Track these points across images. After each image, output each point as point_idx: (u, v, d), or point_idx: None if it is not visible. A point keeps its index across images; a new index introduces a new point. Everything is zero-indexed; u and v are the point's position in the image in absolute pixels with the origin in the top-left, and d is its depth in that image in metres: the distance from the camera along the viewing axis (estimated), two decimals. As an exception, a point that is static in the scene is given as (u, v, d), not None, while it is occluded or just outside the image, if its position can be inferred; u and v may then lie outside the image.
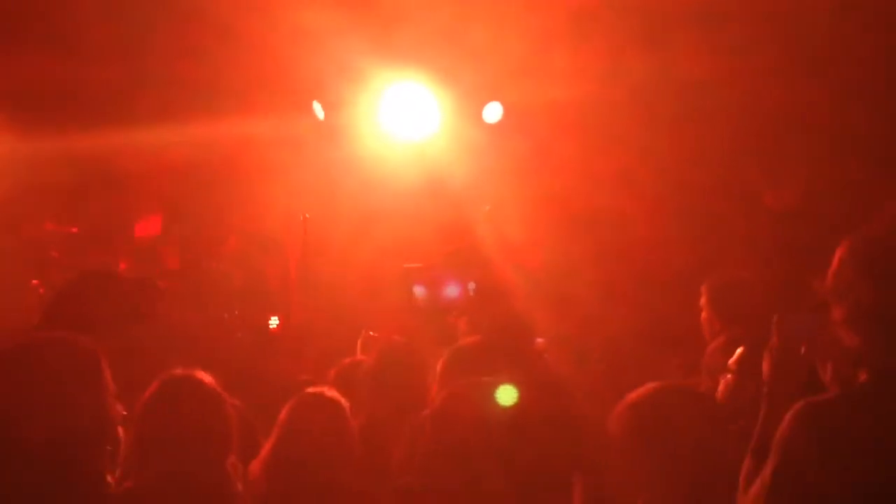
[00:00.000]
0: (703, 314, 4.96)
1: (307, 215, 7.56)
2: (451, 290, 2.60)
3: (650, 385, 2.82)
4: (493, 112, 8.54)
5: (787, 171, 7.25)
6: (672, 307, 6.12)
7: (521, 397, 2.41)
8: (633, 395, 2.78)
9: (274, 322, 7.75)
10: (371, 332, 5.33)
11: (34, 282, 7.82)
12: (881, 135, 7.34)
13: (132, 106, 7.99)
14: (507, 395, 2.39)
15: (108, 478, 2.81)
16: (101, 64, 7.85)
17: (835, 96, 7.20)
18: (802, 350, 2.79)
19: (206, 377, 3.19)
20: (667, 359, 4.98)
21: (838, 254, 2.56)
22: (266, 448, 3.69)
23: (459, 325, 4.71)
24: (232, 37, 7.54)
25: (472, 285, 2.54)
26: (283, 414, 3.75)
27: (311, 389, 3.85)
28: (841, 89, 7.22)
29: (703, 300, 4.95)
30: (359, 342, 5.42)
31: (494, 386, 2.40)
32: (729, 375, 3.62)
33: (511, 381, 2.60)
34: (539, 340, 4.94)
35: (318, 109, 8.44)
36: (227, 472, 3.11)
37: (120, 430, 2.91)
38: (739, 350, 3.60)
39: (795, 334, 2.79)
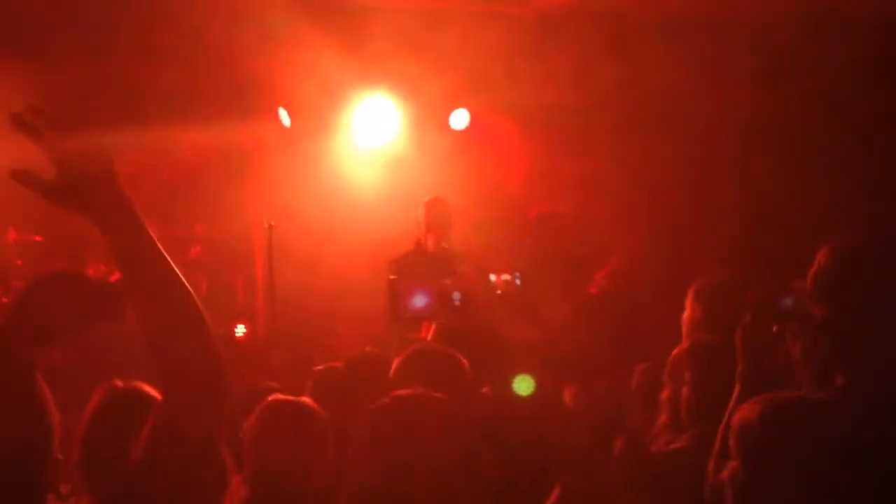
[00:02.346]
0: (687, 313, 4.91)
1: (272, 223, 7.50)
2: (434, 300, 2.56)
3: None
4: (460, 119, 8.54)
5: (753, 177, 7.30)
6: (641, 312, 6.13)
7: (487, 401, 2.40)
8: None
9: (240, 330, 7.68)
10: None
11: (-5, 290, 7.72)
12: (844, 140, 7.42)
13: (95, 112, 7.89)
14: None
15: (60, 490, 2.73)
16: (65, 69, 7.77)
17: (800, 103, 7.27)
18: (775, 329, 2.79)
19: (150, 390, 3.09)
20: (633, 364, 4.97)
21: (820, 257, 2.55)
22: (245, 465, 3.57)
23: (423, 331, 4.67)
24: (198, 42, 7.49)
25: (457, 295, 2.51)
26: (250, 423, 3.63)
27: (276, 396, 3.72)
28: (806, 96, 7.29)
29: (689, 299, 4.89)
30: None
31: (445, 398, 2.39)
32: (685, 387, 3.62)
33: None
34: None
35: (283, 116, 8.40)
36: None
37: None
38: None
39: (768, 313, 2.79)
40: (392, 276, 2.57)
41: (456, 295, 2.57)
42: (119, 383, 3.12)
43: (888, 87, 7.15)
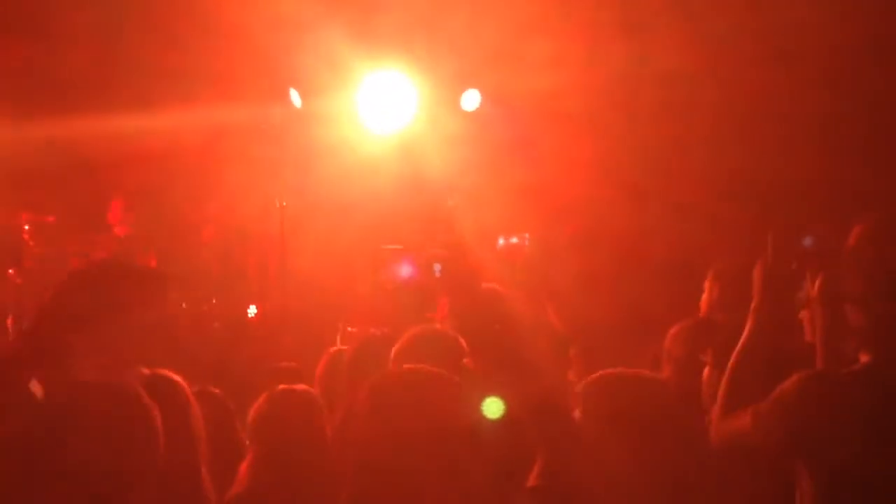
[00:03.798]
0: (705, 295, 4.90)
1: (284, 203, 7.51)
2: (415, 269, 2.57)
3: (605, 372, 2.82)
4: (472, 100, 8.52)
5: (765, 159, 7.27)
6: (652, 296, 6.12)
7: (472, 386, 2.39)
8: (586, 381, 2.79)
9: (252, 311, 7.70)
10: (349, 328, 5.27)
11: (10, 271, 7.75)
12: (854, 123, 7.38)
13: (108, 94, 7.91)
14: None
15: None
16: (76, 51, 7.77)
17: (812, 84, 7.23)
18: (794, 265, 2.79)
19: (177, 378, 3.09)
20: (645, 348, 4.97)
21: (857, 231, 2.58)
22: (251, 452, 3.61)
23: (439, 309, 4.67)
24: (208, 24, 7.48)
25: (437, 266, 2.52)
26: (254, 413, 3.66)
27: (284, 386, 3.75)
28: (816, 79, 7.25)
29: (709, 281, 4.88)
30: (338, 337, 5.37)
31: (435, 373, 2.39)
32: (707, 368, 3.61)
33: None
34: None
35: (295, 97, 8.38)
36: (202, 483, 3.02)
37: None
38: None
39: (788, 250, 2.79)
40: (374, 248, 2.58)
41: (436, 266, 2.57)
42: (146, 371, 3.10)
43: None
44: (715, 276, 4.74)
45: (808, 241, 2.96)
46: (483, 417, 2.35)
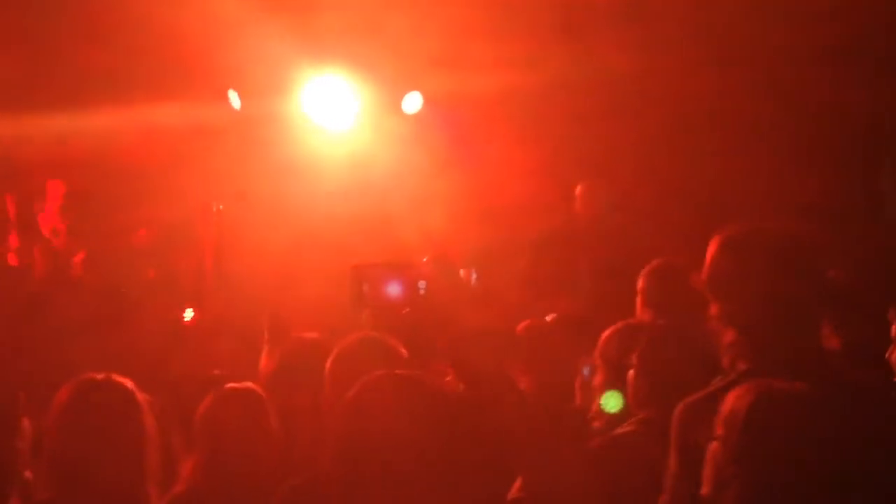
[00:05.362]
0: (638, 300, 4.88)
1: (221, 206, 7.37)
2: (401, 288, 2.51)
3: None
4: (413, 102, 8.44)
5: (707, 162, 7.30)
6: (596, 297, 6.10)
7: (445, 389, 2.33)
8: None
9: (188, 314, 7.57)
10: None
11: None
12: (796, 126, 7.45)
13: (36, 93, 7.72)
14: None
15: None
16: (5, 51, 7.57)
17: (752, 89, 7.28)
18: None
19: (126, 382, 3.03)
20: (588, 350, 4.93)
21: (712, 249, 2.57)
22: (196, 450, 3.62)
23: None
24: (143, 21, 7.33)
25: (422, 283, 2.45)
26: (201, 412, 3.68)
27: (230, 385, 3.78)
28: (757, 82, 7.30)
29: (639, 286, 4.86)
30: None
31: (410, 377, 2.32)
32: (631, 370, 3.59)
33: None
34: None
35: (233, 98, 8.24)
36: (144, 484, 2.97)
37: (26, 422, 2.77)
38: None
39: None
40: (357, 263, 2.49)
41: (422, 283, 2.49)
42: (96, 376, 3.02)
43: (844, 72, 7.18)
44: (646, 276, 4.72)
45: None
46: (467, 427, 2.29)
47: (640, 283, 4.79)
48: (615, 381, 3.65)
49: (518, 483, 2.46)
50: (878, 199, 7.76)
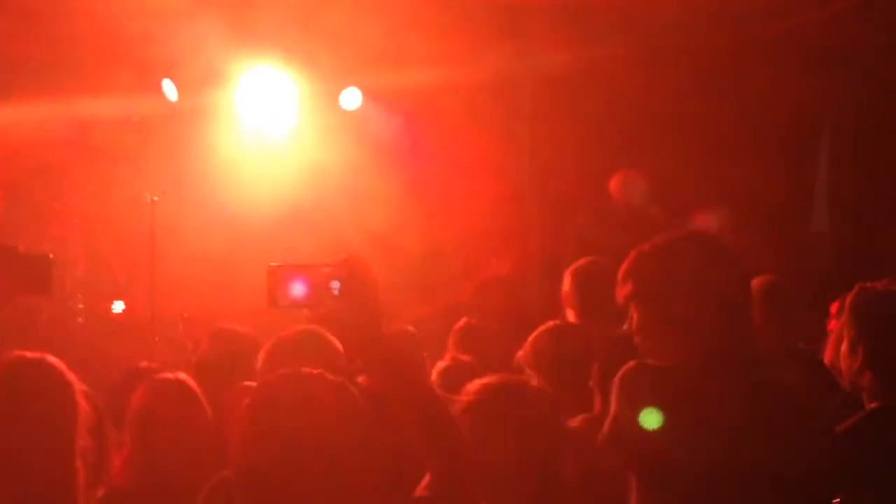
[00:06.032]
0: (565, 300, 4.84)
1: (156, 198, 7.24)
2: (313, 288, 2.48)
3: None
4: (352, 98, 8.37)
5: (644, 157, 7.34)
6: (536, 294, 6.10)
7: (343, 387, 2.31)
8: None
9: (118, 307, 7.45)
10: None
11: None
12: (731, 123, 7.54)
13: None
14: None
15: None
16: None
17: (687, 86, 7.35)
18: None
19: (56, 362, 2.94)
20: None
21: (627, 264, 2.64)
22: (126, 441, 3.55)
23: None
24: (74, 10, 7.19)
25: (335, 284, 2.43)
26: (133, 404, 3.60)
27: (162, 376, 3.71)
28: (693, 79, 7.38)
29: (567, 284, 4.82)
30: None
31: (317, 375, 2.30)
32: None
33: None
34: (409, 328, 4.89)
35: (168, 89, 8.09)
36: (74, 469, 2.88)
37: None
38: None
39: None
40: (272, 263, 2.46)
41: (335, 284, 2.46)
42: (28, 354, 2.92)
43: (773, 67, 7.29)
44: (570, 275, 4.70)
45: None
46: (371, 424, 2.25)
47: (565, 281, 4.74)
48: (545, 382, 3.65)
49: (425, 481, 2.46)
50: (809, 194, 7.89)
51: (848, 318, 3.04)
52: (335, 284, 2.47)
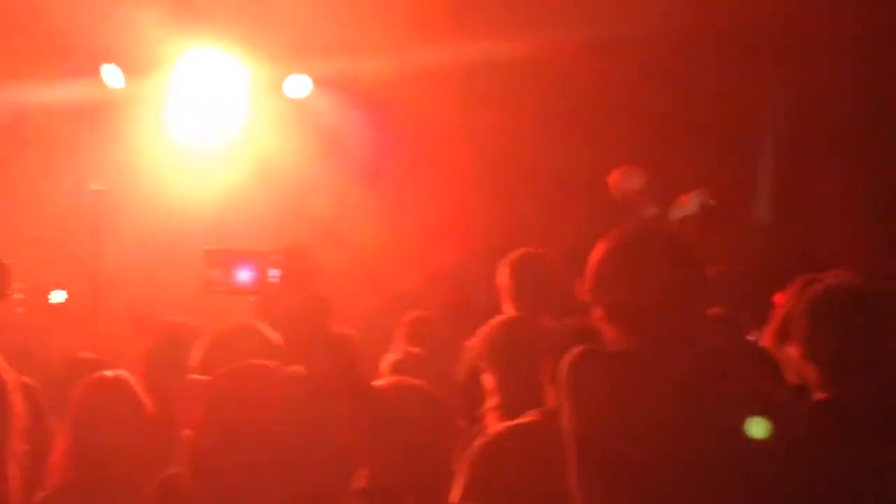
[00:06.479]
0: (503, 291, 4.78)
1: (100, 187, 7.12)
2: (251, 275, 2.44)
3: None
4: (299, 86, 8.29)
5: (596, 149, 7.36)
6: (483, 285, 6.06)
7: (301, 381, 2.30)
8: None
9: (59, 296, 7.32)
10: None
11: None
12: (676, 116, 7.59)
13: None
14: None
15: None
16: None
17: (640, 75, 7.38)
18: None
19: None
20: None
21: (594, 256, 2.67)
22: (64, 438, 3.54)
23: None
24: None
25: (274, 272, 2.38)
26: (72, 400, 3.59)
27: (101, 374, 3.68)
28: (645, 69, 7.41)
29: (505, 276, 4.76)
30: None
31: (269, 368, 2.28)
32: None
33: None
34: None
35: (108, 75, 7.94)
36: (5, 477, 2.82)
37: None
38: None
39: None
40: (207, 246, 2.40)
41: (273, 271, 2.41)
42: None
43: (719, 59, 7.35)
44: (507, 266, 4.67)
45: None
46: (316, 414, 2.24)
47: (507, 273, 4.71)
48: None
49: (364, 473, 2.46)
50: (753, 185, 7.99)
51: (796, 309, 3.07)
52: (274, 272, 2.43)
